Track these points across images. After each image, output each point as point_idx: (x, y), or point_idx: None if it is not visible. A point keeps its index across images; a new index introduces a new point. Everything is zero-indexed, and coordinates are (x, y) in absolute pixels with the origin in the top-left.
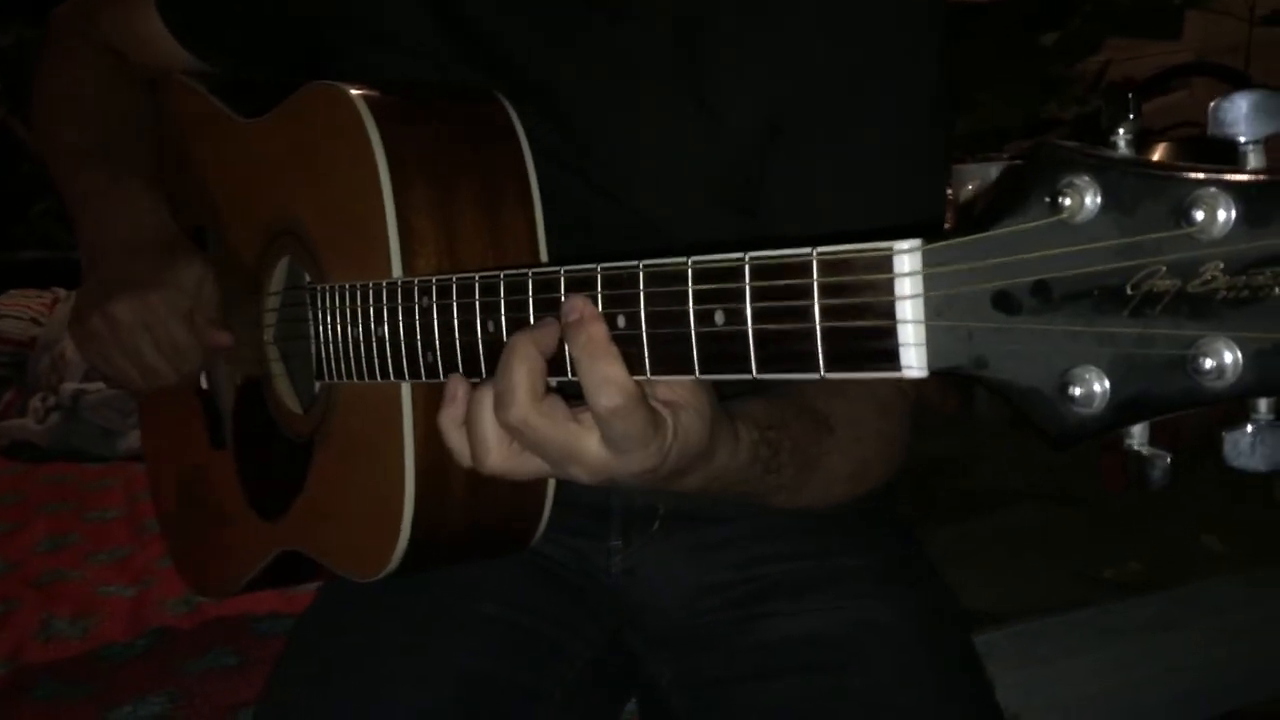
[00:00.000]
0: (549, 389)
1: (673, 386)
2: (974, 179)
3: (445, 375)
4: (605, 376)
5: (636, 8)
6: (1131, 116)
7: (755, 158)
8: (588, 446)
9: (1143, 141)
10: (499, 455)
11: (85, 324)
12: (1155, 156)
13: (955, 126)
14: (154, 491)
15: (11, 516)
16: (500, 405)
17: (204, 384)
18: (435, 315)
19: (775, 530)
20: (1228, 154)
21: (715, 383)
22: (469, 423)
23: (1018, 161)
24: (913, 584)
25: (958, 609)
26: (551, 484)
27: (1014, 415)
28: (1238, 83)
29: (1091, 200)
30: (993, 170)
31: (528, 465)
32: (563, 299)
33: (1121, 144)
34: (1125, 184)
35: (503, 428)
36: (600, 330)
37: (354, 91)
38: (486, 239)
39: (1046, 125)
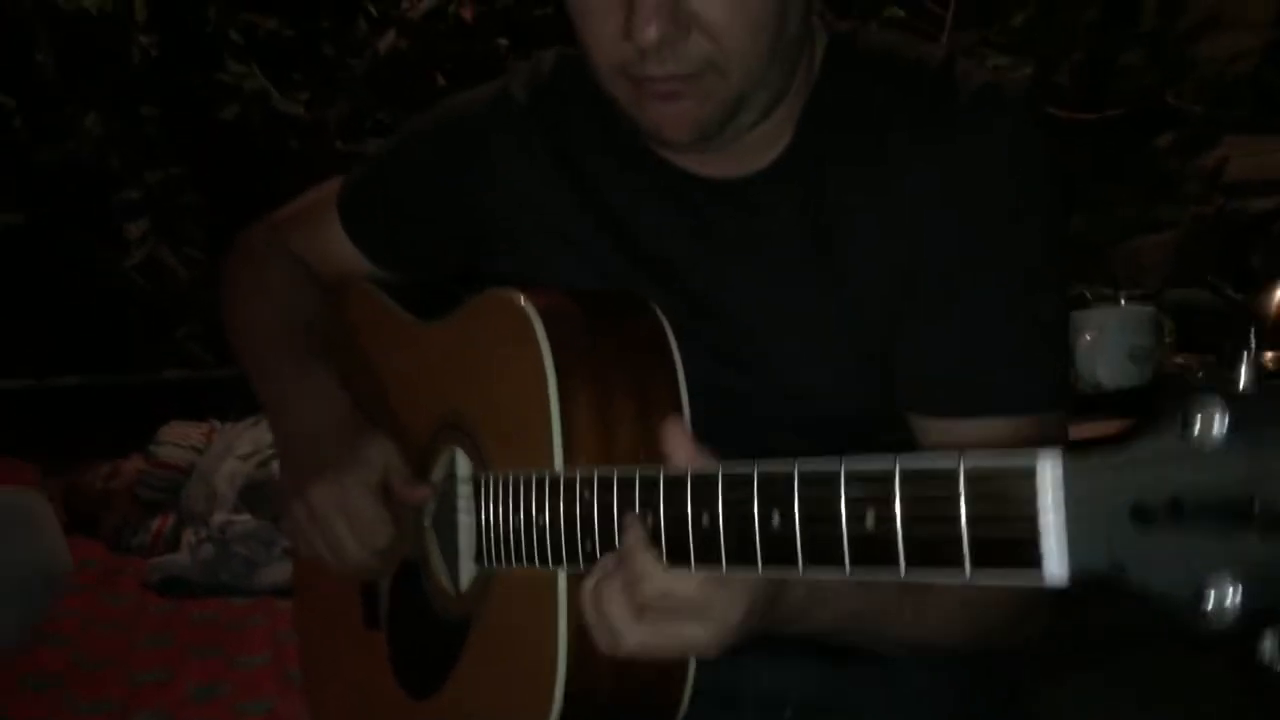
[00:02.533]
0: None
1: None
2: (1091, 328)
3: None
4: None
5: (769, 199)
6: (1254, 349)
7: (885, 329)
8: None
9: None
10: (632, 633)
11: (289, 511)
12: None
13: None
14: (304, 667)
15: (164, 660)
16: (630, 586)
17: None
18: (596, 506)
19: None
20: None
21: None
22: (599, 609)
23: (1130, 304)
24: None
25: None
26: (691, 672)
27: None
28: None
29: (1220, 426)
30: (1111, 319)
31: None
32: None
33: (1243, 378)
34: (1251, 411)
35: (638, 606)
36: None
37: (526, 300)
38: (639, 438)
39: (1161, 226)
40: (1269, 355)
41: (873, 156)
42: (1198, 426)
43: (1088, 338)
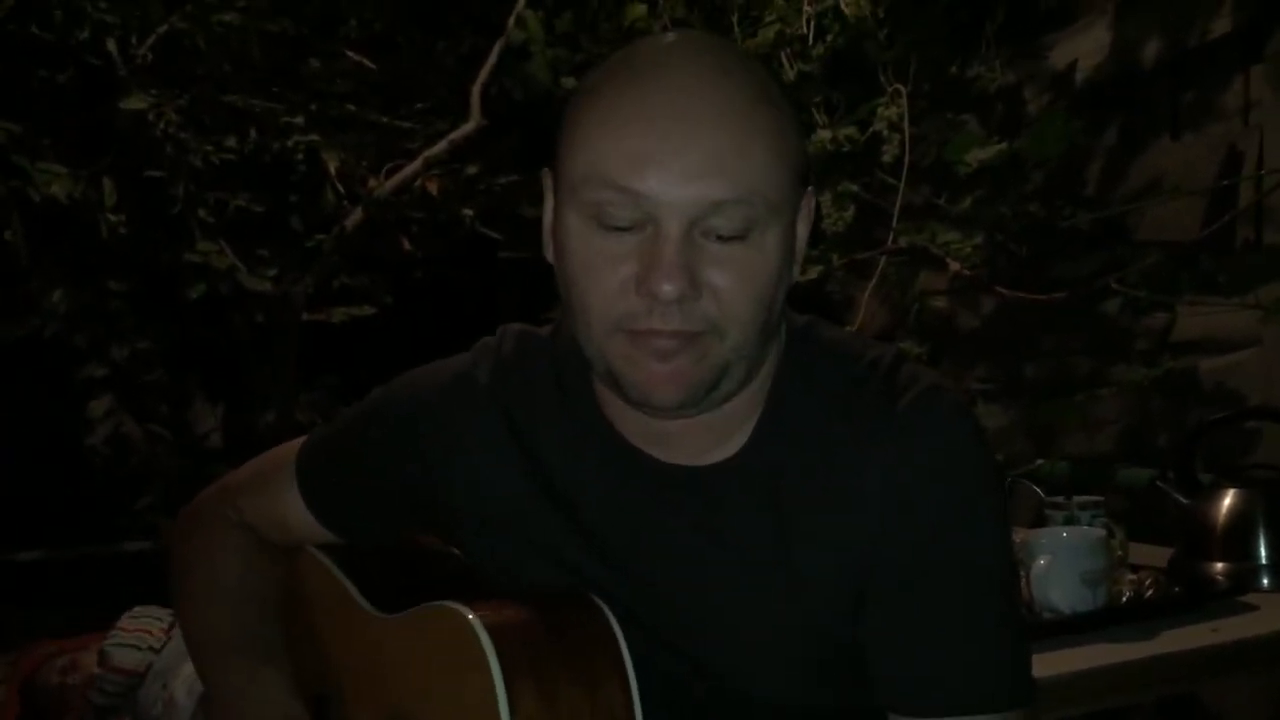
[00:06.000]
0: None
1: None
2: (1044, 553)
3: None
4: None
5: (729, 492)
6: None
7: (840, 633)
8: None
9: None
10: None
11: None
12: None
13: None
14: None
15: None
16: None
17: None
18: None
19: None
20: None
21: None
22: None
23: (1082, 516)
24: None
25: None
26: None
27: None
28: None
29: None
30: (1062, 544)
31: None
32: None
33: None
34: None
35: None
36: None
37: (475, 617)
38: None
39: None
40: (1218, 566)
41: (825, 461)
42: None
43: (1042, 562)
